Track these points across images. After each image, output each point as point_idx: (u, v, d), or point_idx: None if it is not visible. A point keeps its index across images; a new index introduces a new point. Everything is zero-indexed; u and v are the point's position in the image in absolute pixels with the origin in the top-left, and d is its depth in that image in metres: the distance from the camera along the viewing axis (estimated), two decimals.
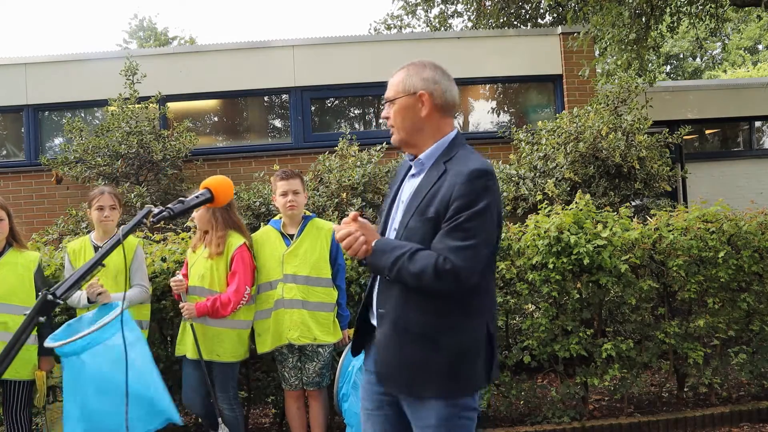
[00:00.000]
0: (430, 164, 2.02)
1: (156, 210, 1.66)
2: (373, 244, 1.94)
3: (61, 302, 1.41)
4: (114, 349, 3.00)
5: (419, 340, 1.93)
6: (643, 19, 7.22)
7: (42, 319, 1.38)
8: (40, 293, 1.41)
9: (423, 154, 2.04)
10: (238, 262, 3.54)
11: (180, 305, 3.53)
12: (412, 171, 2.09)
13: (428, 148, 2.03)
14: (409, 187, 2.06)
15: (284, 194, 3.62)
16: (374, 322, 2.08)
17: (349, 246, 1.95)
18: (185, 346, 3.62)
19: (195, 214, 3.67)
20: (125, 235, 1.54)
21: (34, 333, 3.41)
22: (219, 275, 3.56)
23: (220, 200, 1.84)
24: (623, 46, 7.17)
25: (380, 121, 7.95)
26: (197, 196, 1.80)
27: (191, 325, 3.50)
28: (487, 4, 11.13)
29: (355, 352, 2.21)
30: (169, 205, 1.71)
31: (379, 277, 2.05)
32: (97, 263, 1.48)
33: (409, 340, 1.94)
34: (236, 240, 3.60)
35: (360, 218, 2.01)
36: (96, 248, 3.63)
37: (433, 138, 2.03)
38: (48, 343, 3.03)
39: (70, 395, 3.07)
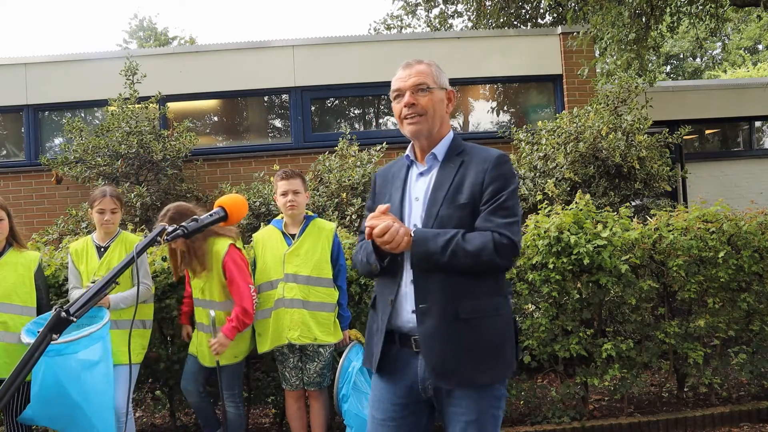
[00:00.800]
0: (442, 158, 2.13)
1: (170, 228, 1.66)
2: (412, 234, 1.96)
3: (75, 320, 1.40)
4: (76, 363, 3.04)
5: (470, 325, 1.99)
6: (643, 19, 7.22)
7: (55, 336, 1.37)
8: (53, 310, 1.41)
9: (436, 149, 2.14)
10: (232, 268, 3.47)
11: (210, 343, 3.46)
12: (420, 169, 2.16)
13: (439, 143, 2.14)
14: (423, 183, 2.13)
15: (284, 194, 3.62)
16: (401, 324, 2.06)
17: (392, 238, 1.92)
18: (200, 354, 3.63)
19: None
20: (139, 253, 1.54)
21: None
22: (218, 285, 3.53)
23: (234, 219, 1.82)
24: (623, 46, 7.17)
25: (381, 120, 7.96)
26: (211, 215, 1.78)
27: (218, 362, 3.52)
28: (487, 4, 11.13)
29: (375, 364, 2.12)
30: (183, 224, 1.69)
31: (413, 274, 2.03)
32: (111, 281, 1.48)
33: (461, 327, 1.99)
34: (221, 245, 3.51)
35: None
36: (98, 248, 3.64)
37: (441, 134, 2.15)
38: (23, 337, 3.10)
39: (33, 380, 3.12)
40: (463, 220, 2.01)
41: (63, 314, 1.38)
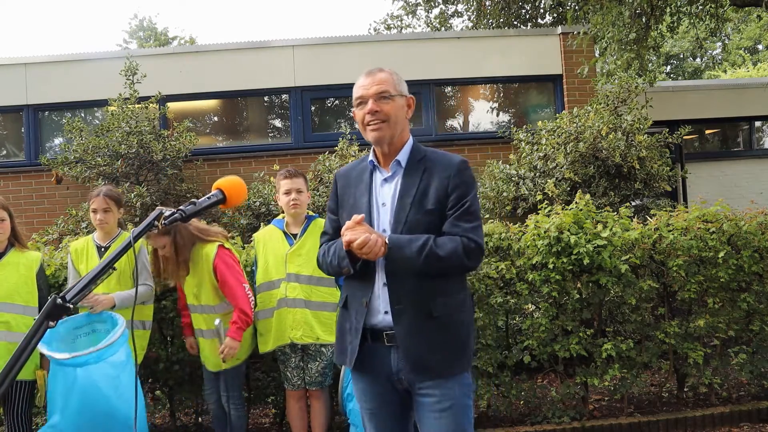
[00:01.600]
0: (405, 164, 2.22)
1: (168, 212, 1.62)
2: (387, 241, 2.05)
3: (71, 306, 1.38)
4: (112, 367, 3.06)
5: (442, 322, 2.12)
6: (643, 19, 7.22)
7: (52, 323, 1.36)
8: (49, 297, 1.39)
9: (399, 155, 2.22)
10: (223, 270, 3.45)
11: (220, 350, 3.42)
12: (384, 175, 2.23)
13: (401, 150, 2.23)
14: (388, 189, 2.22)
15: (287, 193, 3.62)
16: (375, 322, 2.15)
17: (370, 249, 2.00)
18: (204, 360, 3.63)
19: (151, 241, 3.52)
20: (136, 238, 1.52)
21: None
22: (211, 289, 3.52)
23: (233, 201, 1.79)
24: (623, 46, 7.16)
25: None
26: (209, 197, 1.75)
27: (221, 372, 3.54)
28: (487, 4, 11.13)
29: (352, 361, 2.20)
30: (180, 207, 1.67)
31: (386, 278, 2.13)
32: (108, 267, 1.46)
33: (434, 324, 2.11)
34: (210, 248, 3.49)
35: None
36: (99, 248, 3.63)
37: (402, 140, 2.24)
38: (48, 353, 3.05)
39: (54, 399, 3.10)
40: (431, 225, 2.12)
41: (59, 301, 1.36)
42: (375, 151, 2.27)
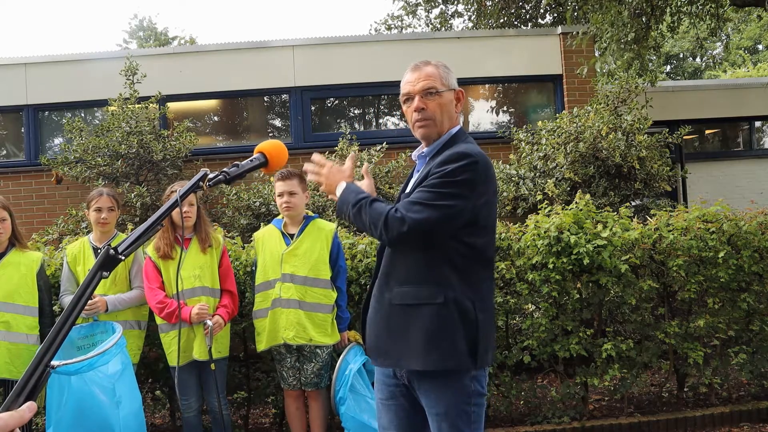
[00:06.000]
0: (430, 156, 2.16)
1: (212, 174, 1.59)
2: (344, 182, 2.13)
3: (123, 258, 1.39)
4: (105, 377, 3.04)
5: (400, 311, 2.08)
6: (643, 19, 7.22)
7: (106, 274, 1.36)
8: (101, 249, 1.40)
9: (428, 148, 2.18)
10: (227, 258, 3.74)
11: (207, 326, 3.43)
12: (417, 167, 2.25)
13: (434, 142, 2.17)
14: (413, 181, 2.21)
15: (281, 195, 3.64)
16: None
17: (328, 171, 2.14)
18: (197, 348, 3.52)
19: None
20: (183, 197, 1.47)
21: (37, 333, 3.41)
22: (215, 270, 3.61)
23: (274, 165, 1.72)
24: (623, 46, 7.16)
25: (381, 120, 7.97)
26: (251, 161, 1.69)
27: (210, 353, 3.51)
28: (488, 4, 11.13)
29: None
30: (224, 169, 1.62)
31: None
32: (157, 222, 1.43)
33: (392, 312, 2.09)
34: (219, 236, 3.78)
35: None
36: (95, 249, 3.62)
37: (443, 133, 2.18)
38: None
39: (50, 407, 3.08)
40: None
41: (111, 252, 1.37)
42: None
